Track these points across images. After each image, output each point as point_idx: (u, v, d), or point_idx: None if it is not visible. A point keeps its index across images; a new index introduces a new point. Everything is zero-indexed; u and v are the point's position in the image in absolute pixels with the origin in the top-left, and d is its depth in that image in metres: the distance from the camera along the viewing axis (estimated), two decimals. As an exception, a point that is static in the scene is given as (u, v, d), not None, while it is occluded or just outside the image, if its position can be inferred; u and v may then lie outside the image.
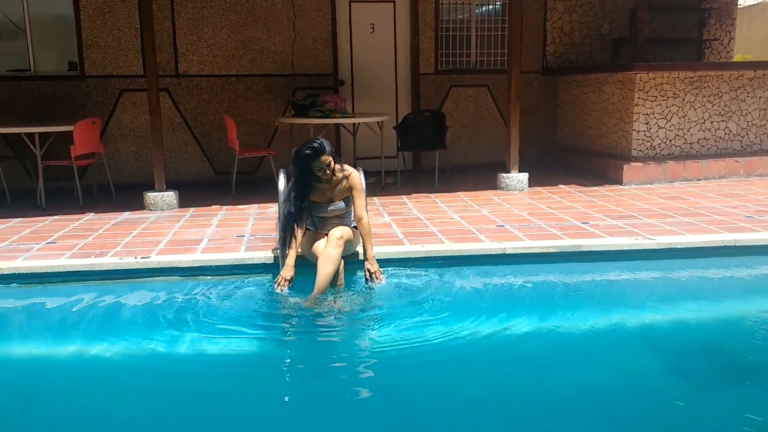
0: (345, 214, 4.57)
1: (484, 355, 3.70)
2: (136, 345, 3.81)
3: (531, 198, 6.93)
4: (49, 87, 7.83)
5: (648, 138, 7.84)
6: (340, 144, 8.63)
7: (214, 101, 8.26)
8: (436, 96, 8.89)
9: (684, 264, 4.94)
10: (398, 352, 3.65)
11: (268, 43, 8.29)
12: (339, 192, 4.47)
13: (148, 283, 4.62)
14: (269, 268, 4.69)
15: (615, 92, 8.06)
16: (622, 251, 4.98)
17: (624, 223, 5.63)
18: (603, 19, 9.28)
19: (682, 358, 3.74)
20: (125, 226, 5.89)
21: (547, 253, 4.93)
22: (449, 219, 5.94)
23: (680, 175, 7.76)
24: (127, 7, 7.85)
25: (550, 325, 4.05)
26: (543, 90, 9.28)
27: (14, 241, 5.34)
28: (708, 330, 4.15)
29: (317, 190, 4.43)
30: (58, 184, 7.50)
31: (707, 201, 6.57)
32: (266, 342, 3.88)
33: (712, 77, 7.98)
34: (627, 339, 3.97)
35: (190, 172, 8.26)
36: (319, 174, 4.29)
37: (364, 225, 4.44)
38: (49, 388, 3.43)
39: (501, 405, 3.22)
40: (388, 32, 8.74)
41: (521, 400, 3.27)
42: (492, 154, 8.97)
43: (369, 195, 5.81)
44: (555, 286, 4.67)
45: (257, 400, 3.27)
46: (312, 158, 4.22)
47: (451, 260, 4.86)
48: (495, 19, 9.04)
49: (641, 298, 4.61)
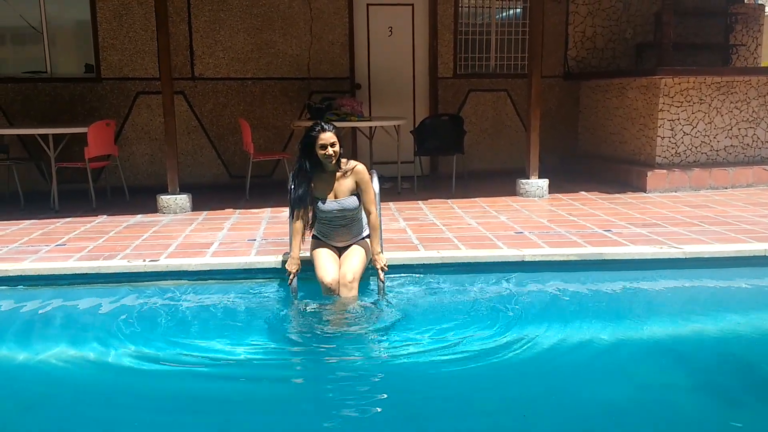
0: (351, 223, 4.35)
1: (499, 368, 3.53)
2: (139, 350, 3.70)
3: (551, 205, 6.75)
4: (65, 89, 7.80)
5: (673, 144, 7.62)
6: (356, 148, 8.51)
7: (229, 104, 8.19)
8: (454, 100, 8.74)
9: (711, 274, 4.74)
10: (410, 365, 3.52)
11: (285, 46, 8.20)
12: (344, 187, 4.26)
13: (154, 287, 4.51)
14: (279, 272, 4.56)
15: (639, 97, 7.85)
16: (647, 260, 4.79)
17: (648, 232, 5.43)
18: (626, 23, 9.08)
19: (709, 373, 3.57)
20: (137, 229, 5.81)
21: (568, 261, 4.75)
22: (466, 225, 5.78)
23: (706, 183, 7.53)
24: (144, 10, 7.81)
25: (570, 338, 3.86)
26: (564, 95, 9.10)
27: (24, 243, 5.28)
28: (736, 344, 3.95)
29: (320, 180, 4.25)
30: (72, 187, 7.46)
31: (735, 209, 6.35)
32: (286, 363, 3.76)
33: (739, 83, 7.75)
34: (651, 353, 3.79)
35: (205, 175, 8.18)
36: (322, 153, 4.11)
37: (372, 219, 4.28)
38: (41, 393, 3.35)
39: (516, 421, 3.06)
40: (406, 35, 8.62)
41: (524, 415, 3.10)
42: (511, 160, 8.80)
43: (384, 200, 5.69)
44: (575, 297, 4.48)
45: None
46: (317, 134, 4.09)
47: (467, 267, 4.70)
48: (516, 22, 8.88)
49: (666, 310, 4.41)
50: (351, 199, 4.28)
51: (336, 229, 4.34)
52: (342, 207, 4.25)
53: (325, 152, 4.12)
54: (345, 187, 4.27)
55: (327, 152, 4.11)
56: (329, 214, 4.28)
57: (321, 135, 4.10)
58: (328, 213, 4.28)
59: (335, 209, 4.26)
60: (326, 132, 4.11)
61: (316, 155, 4.15)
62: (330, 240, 4.39)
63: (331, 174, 4.26)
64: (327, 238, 4.40)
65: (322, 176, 4.26)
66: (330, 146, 4.11)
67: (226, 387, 3.37)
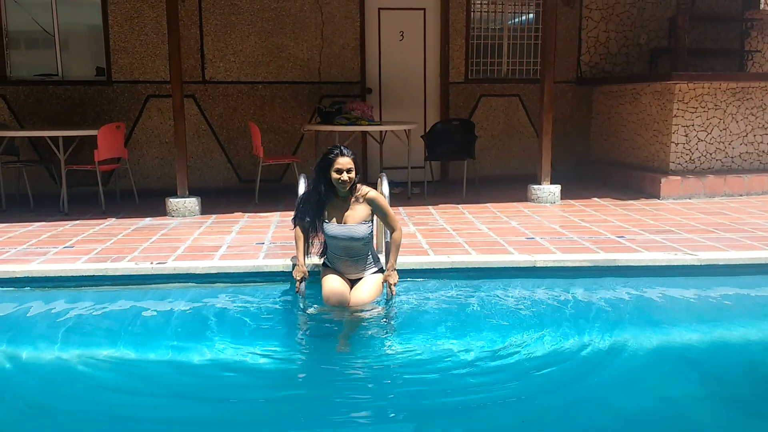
0: (359, 256, 4.14)
1: (513, 378, 3.46)
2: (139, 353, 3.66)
3: (563, 211, 6.67)
4: (76, 92, 7.81)
5: (687, 151, 7.53)
6: (367, 153, 8.47)
7: (240, 108, 8.17)
8: (465, 105, 8.68)
9: (726, 282, 4.64)
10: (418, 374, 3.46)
11: (296, 50, 8.18)
12: (356, 214, 4.10)
13: (161, 290, 4.47)
14: (288, 275, 4.51)
15: (653, 103, 7.77)
16: (661, 267, 4.70)
17: (662, 238, 5.34)
18: (641, 28, 8.99)
19: (725, 382, 3.49)
20: (145, 231, 5.78)
21: (580, 267, 4.67)
22: (477, 230, 5.72)
23: (720, 190, 7.42)
24: (155, 13, 7.81)
25: (583, 346, 3.78)
26: (577, 100, 9.02)
27: (32, 245, 5.26)
28: (753, 353, 3.87)
29: (333, 205, 4.10)
30: (82, 190, 7.46)
31: (750, 217, 6.24)
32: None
33: (756, 89, 7.64)
34: (666, 361, 3.71)
35: (214, 179, 8.16)
36: (336, 177, 3.98)
37: (395, 236, 4.14)
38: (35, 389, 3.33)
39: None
40: (417, 40, 8.58)
41: (523, 421, 3.02)
42: (523, 166, 8.72)
43: (394, 205, 5.61)
44: (586, 304, 4.37)
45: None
46: (334, 156, 3.98)
47: (477, 272, 4.63)
48: (528, 27, 8.82)
49: (680, 318, 4.31)
50: (361, 227, 4.08)
51: (343, 259, 4.15)
52: (350, 234, 4.06)
53: (340, 177, 3.97)
54: (358, 214, 4.10)
55: (342, 177, 3.97)
56: (337, 241, 4.10)
57: (338, 159, 3.97)
58: (335, 239, 4.10)
59: (343, 235, 4.07)
60: (344, 157, 3.98)
61: (331, 178, 4.02)
62: (339, 269, 4.21)
63: (344, 200, 4.11)
64: (335, 266, 4.21)
65: (335, 201, 4.11)
66: (346, 171, 3.97)
67: (230, 389, 3.34)
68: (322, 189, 4.08)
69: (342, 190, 4.07)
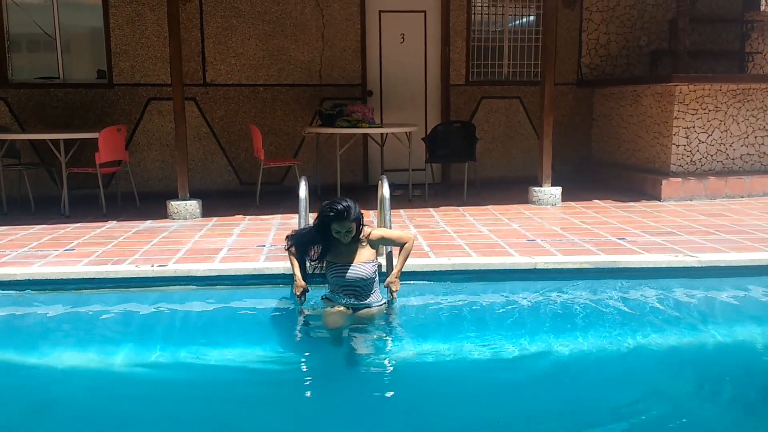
0: (362, 291, 4.00)
1: (512, 375, 3.47)
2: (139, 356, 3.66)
3: (564, 213, 6.67)
4: (77, 95, 7.82)
5: (688, 152, 7.52)
6: (368, 155, 8.48)
7: (241, 111, 8.18)
8: (466, 107, 8.69)
9: (727, 283, 4.64)
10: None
11: (297, 52, 8.19)
12: (361, 255, 3.97)
13: (162, 292, 4.48)
14: (288, 278, 4.51)
15: (653, 105, 7.77)
16: (662, 268, 4.70)
17: (663, 240, 5.34)
18: (641, 30, 9.00)
19: (724, 382, 3.52)
20: (146, 234, 5.78)
21: (581, 269, 4.67)
22: (477, 232, 5.72)
23: (722, 192, 7.42)
24: (156, 16, 7.82)
25: (586, 346, 3.79)
26: (578, 102, 9.02)
27: (33, 248, 5.26)
28: (752, 353, 3.88)
29: (336, 250, 3.98)
30: (83, 192, 7.46)
31: (751, 218, 6.24)
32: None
33: (756, 90, 7.64)
34: (666, 361, 3.72)
35: (215, 182, 8.17)
36: (337, 237, 3.87)
37: (407, 246, 4.07)
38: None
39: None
40: (418, 42, 8.59)
41: (498, 422, 3.04)
42: (524, 168, 8.72)
43: (395, 208, 5.62)
44: (588, 306, 4.38)
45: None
46: (332, 220, 3.80)
47: (478, 274, 4.63)
48: (529, 29, 8.82)
49: (681, 319, 4.31)
50: (367, 268, 3.96)
51: (347, 294, 4.02)
52: (356, 276, 3.94)
53: (339, 235, 3.86)
54: (363, 256, 3.98)
55: (341, 235, 3.85)
56: (343, 281, 3.98)
57: (336, 223, 3.80)
58: (343, 282, 3.99)
59: (349, 277, 3.95)
60: (343, 221, 3.79)
61: (332, 236, 3.89)
62: (342, 304, 4.07)
63: (348, 245, 3.96)
64: (336, 292, 4.07)
65: (339, 248, 3.97)
66: (346, 233, 3.85)
67: (231, 390, 3.34)
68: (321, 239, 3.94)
69: (344, 241, 3.92)
